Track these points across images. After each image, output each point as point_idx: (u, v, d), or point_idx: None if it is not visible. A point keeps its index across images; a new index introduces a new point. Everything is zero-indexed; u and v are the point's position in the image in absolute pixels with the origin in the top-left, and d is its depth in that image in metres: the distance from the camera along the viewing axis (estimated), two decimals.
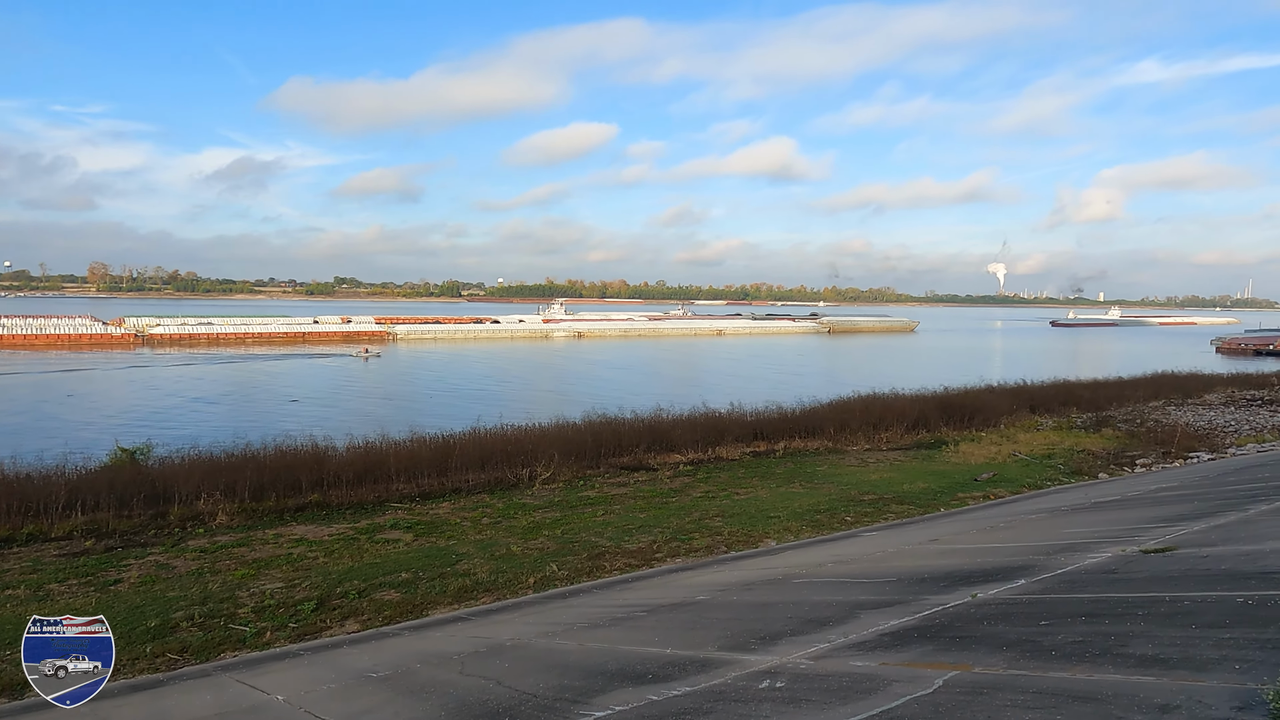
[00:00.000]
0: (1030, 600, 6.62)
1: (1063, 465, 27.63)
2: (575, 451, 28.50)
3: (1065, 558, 8.47)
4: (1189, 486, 16.38)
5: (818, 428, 34.75)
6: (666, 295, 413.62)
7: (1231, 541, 8.28)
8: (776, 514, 21.57)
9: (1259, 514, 10.24)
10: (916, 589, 7.92)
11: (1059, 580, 7.34)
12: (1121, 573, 7.36)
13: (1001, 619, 5.98)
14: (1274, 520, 9.57)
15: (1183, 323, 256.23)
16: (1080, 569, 7.74)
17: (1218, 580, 6.18)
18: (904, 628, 6.15)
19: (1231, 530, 9.09)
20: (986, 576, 8.11)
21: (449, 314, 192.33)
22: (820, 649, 5.82)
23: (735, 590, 10.20)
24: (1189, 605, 5.45)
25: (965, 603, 6.76)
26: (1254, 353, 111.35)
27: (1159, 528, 9.95)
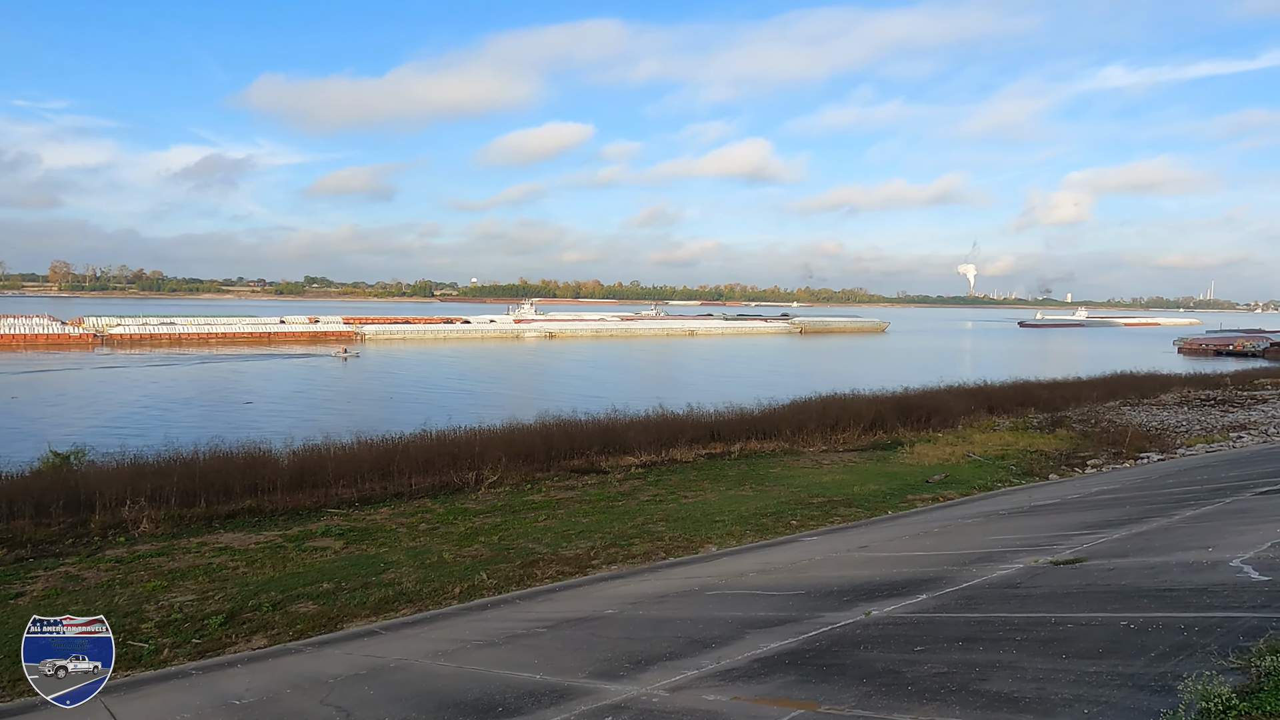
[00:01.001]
0: (919, 620, 6.25)
1: (1015, 466, 27.55)
2: (525, 454, 27.92)
3: (978, 569, 8.12)
4: (1129, 489, 16.22)
5: (775, 429, 34.46)
6: (641, 296, 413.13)
7: (1144, 552, 7.98)
8: (722, 518, 21.18)
9: (1181, 520, 10.00)
10: (818, 604, 7.54)
11: (958, 596, 6.98)
12: (1024, 587, 7.02)
13: (880, 643, 5.59)
14: (1193, 528, 9.31)
15: (1147, 324, 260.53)
16: (985, 582, 7.40)
17: (1110, 598, 5.85)
18: (779, 652, 5.75)
19: (1149, 539, 8.81)
20: (893, 590, 7.74)
21: (421, 314, 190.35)
22: (685, 677, 5.40)
23: (647, 603, 9.76)
24: (1069, 630, 5.10)
25: (855, 622, 6.38)
26: (1214, 353, 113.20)
27: (1082, 535, 9.67)
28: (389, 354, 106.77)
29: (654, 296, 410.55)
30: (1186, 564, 6.85)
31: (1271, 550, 6.87)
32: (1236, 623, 4.71)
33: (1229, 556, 6.80)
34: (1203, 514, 10.48)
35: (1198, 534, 8.73)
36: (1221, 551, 7.15)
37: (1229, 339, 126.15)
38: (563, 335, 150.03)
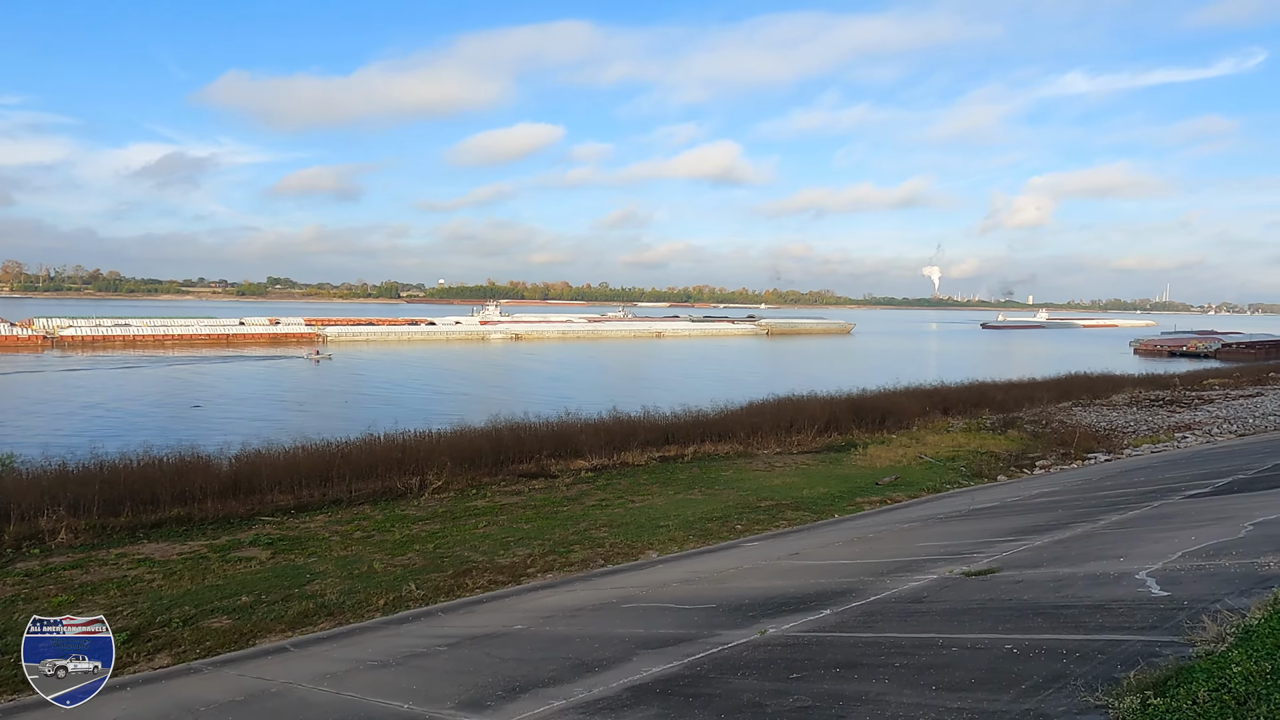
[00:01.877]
0: (809, 641, 5.92)
1: (965, 468, 27.55)
2: (471, 458, 27.34)
3: (892, 580, 7.83)
4: (1067, 492, 16.14)
5: (730, 431, 34.22)
6: (609, 297, 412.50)
7: (1057, 562, 7.74)
8: (667, 523, 20.81)
9: (1105, 526, 9.82)
10: (723, 620, 7.19)
11: (860, 612, 6.67)
12: (927, 602, 6.73)
13: (760, 669, 5.24)
14: (1113, 535, 9.11)
15: (1105, 325, 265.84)
16: (892, 596, 7.11)
17: (1006, 617, 5.57)
18: (656, 679, 5.38)
19: (1067, 547, 8.60)
20: (802, 604, 7.42)
21: (386, 316, 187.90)
22: (549, 709, 5.00)
23: (559, 618, 9.35)
24: (952, 655, 4.78)
25: (746, 642, 6.04)
26: (1168, 354, 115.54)
27: (1007, 542, 9.45)
28: (361, 356, 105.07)
29: (623, 298, 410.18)
30: (1093, 576, 6.61)
31: (1180, 561, 6.65)
32: (1119, 648, 4.41)
33: (1137, 568, 6.56)
34: (1128, 519, 10.31)
35: (1116, 542, 8.52)
36: (1132, 562, 6.92)
37: (1182, 340, 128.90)
38: (529, 337, 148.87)
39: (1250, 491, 11.55)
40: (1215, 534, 7.67)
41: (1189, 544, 7.30)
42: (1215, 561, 6.36)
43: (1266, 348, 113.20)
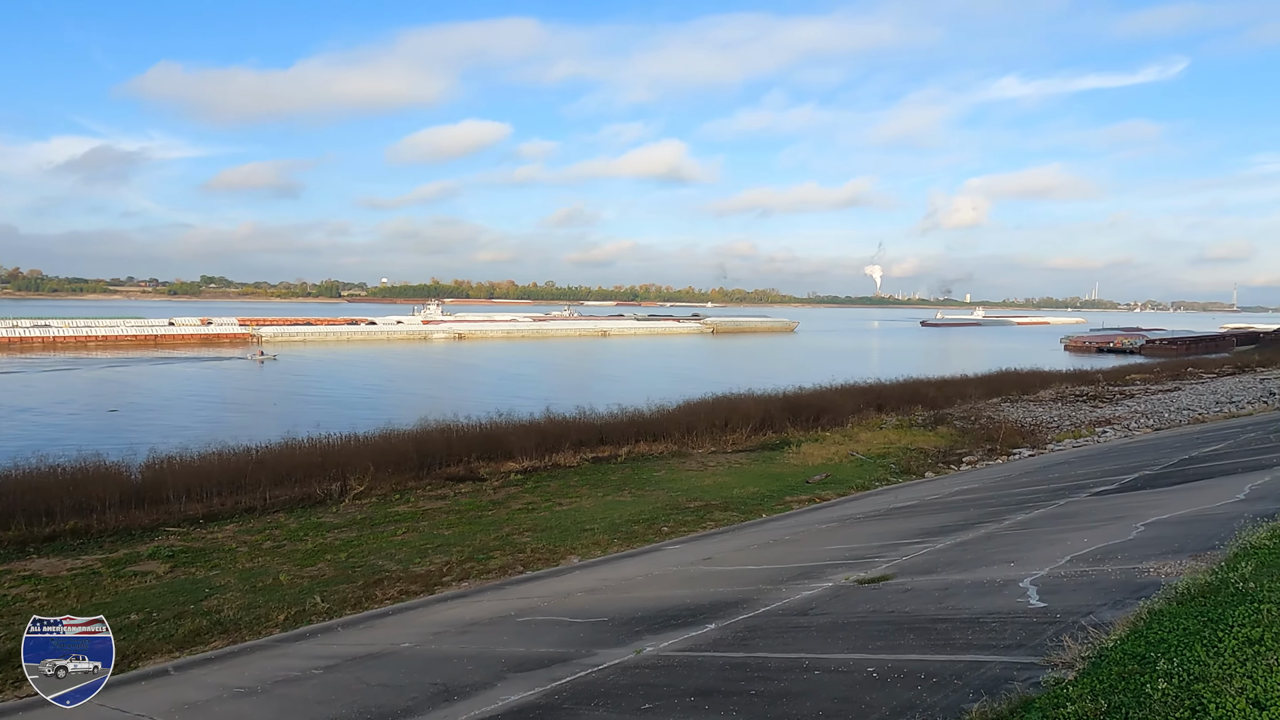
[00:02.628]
0: (678, 663, 5.59)
1: (894, 465, 27.75)
2: (397, 462, 26.54)
3: (788, 589, 7.57)
4: (985, 489, 16.22)
5: (664, 431, 33.96)
6: (556, 296, 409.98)
7: (951, 567, 7.56)
8: (593, 526, 20.41)
9: (1008, 527, 9.74)
10: (605, 636, 6.83)
11: (742, 627, 6.38)
12: (812, 614, 6.47)
13: (617, 697, 4.89)
14: (1013, 537, 9.01)
15: (1038, 323, 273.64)
16: (781, 608, 6.84)
17: (881, 633, 5.32)
18: (510, 710, 4.99)
19: (966, 549, 8.46)
20: (690, 617, 7.11)
21: (326, 315, 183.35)
22: None
23: (450, 635, 8.86)
24: (813, 680, 4.50)
25: (616, 665, 5.68)
26: (1097, 350, 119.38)
27: (911, 544, 9.29)
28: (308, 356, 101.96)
29: (570, 297, 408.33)
30: (980, 584, 6.43)
31: (1067, 567, 6.50)
32: (979, 671, 4.16)
33: (1024, 574, 6.40)
34: (1032, 519, 10.27)
35: (1013, 544, 8.41)
36: (1021, 567, 6.76)
37: (1109, 337, 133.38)
38: (473, 336, 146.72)
39: (1152, 489, 11.66)
40: (1107, 535, 7.59)
41: (1080, 547, 7.19)
42: (1099, 567, 6.22)
43: (1187, 343, 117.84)
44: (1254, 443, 16.30)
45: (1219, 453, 15.43)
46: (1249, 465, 12.08)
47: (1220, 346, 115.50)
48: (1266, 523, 5.69)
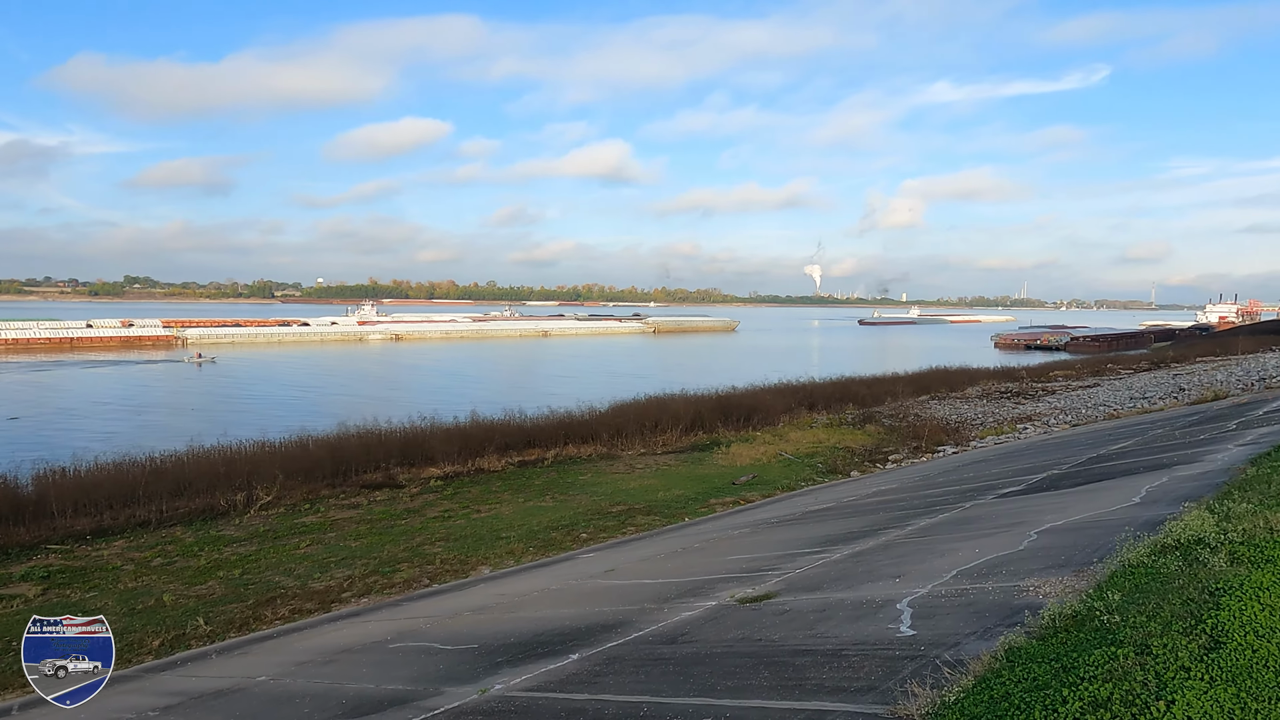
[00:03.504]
0: (518, 707, 5.06)
1: (821, 465, 27.68)
2: (310, 469, 25.39)
3: (671, 608, 7.10)
4: (902, 490, 16.07)
5: (594, 433, 33.34)
6: (498, 296, 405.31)
7: (838, 583, 7.19)
8: (509, 534, 19.71)
9: (910, 533, 9.45)
10: (462, 670, 6.27)
11: (603, 659, 5.88)
12: (680, 641, 6.00)
13: None
14: (910, 546, 8.69)
15: (970, 320, 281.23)
16: (654, 633, 6.36)
17: (736, 668, 4.89)
18: None
19: (859, 561, 8.10)
20: (562, 642, 6.57)
21: (258, 316, 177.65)
22: None
23: (313, 665, 8.15)
24: None
25: (451, 709, 5.09)
26: (1025, 347, 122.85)
27: (809, 554, 8.93)
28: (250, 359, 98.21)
29: (512, 297, 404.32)
30: (859, 605, 6.05)
31: (950, 583, 6.17)
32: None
33: (905, 593, 6.04)
34: (935, 524, 10.01)
35: (908, 555, 8.09)
36: (906, 584, 6.41)
37: (1036, 334, 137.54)
38: (410, 337, 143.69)
39: (1055, 490, 11.56)
40: (1000, 545, 7.32)
41: (970, 559, 6.89)
42: (981, 585, 5.90)
43: (1109, 340, 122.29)
44: (1159, 440, 16.53)
45: (1125, 450, 15.57)
46: (1150, 465, 12.09)
47: (1139, 343, 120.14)
48: (1148, 536, 5.43)
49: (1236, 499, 5.99)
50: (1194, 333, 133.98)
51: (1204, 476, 9.45)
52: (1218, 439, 14.03)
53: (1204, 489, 8.24)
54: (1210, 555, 4.53)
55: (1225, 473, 9.14)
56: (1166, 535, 5.17)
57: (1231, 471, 8.74)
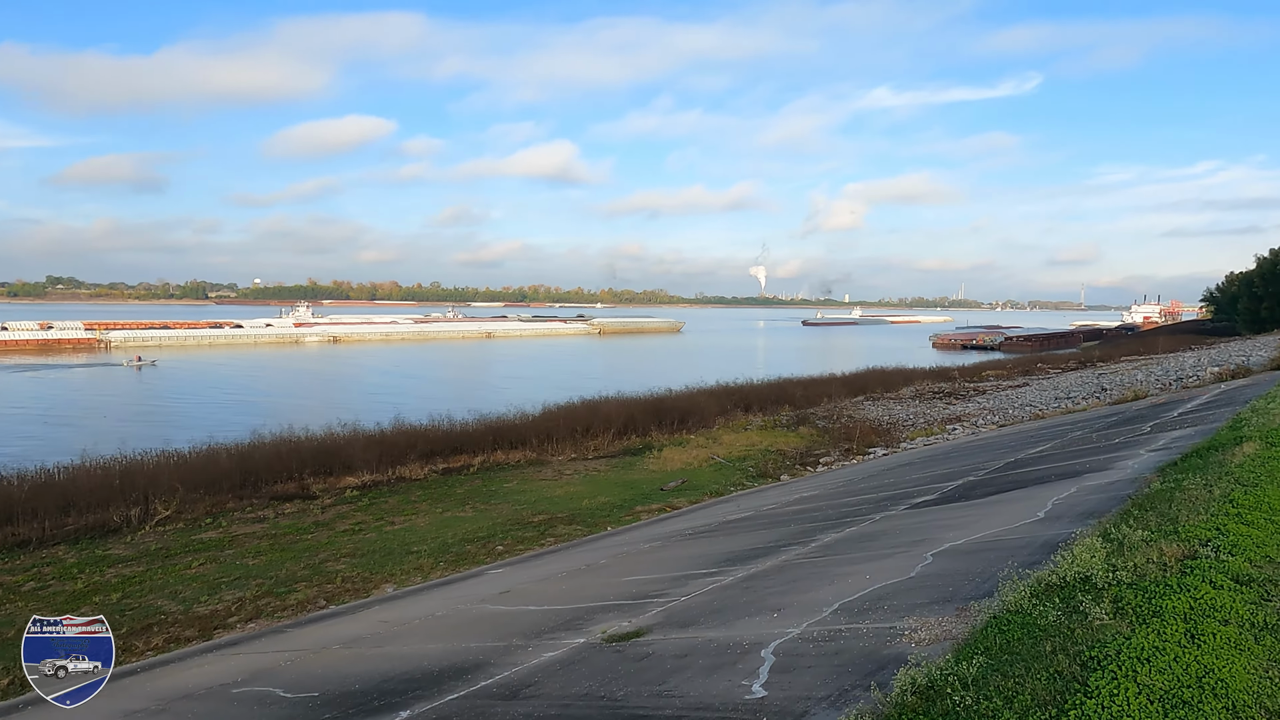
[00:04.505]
0: None
1: (752, 468, 27.29)
2: (216, 481, 24.00)
3: (535, 648, 6.45)
4: (823, 497, 15.66)
5: (524, 438, 32.44)
6: (442, 297, 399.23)
7: (717, 615, 6.60)
8: (421, 547, 18.78)
9: (812, 551, 8.94)
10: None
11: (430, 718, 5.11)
12: (523, 695, 5.31)
13: None
14: (804, 568, 8.15)
15: (910, 321, 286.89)
16: (497, 684, 5.70)
17: None
18: None
19: (750, 586, 7.54)
20: (400, 693, 5.88)
21: (191, 318, 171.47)
22: None
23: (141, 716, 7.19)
24: None
25: None
26: (961, 347, 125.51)
27: (703, 576, 8.34)
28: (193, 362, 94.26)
29: (456, 298, 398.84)
30: (723, 649, 5.46)
31: (826, 622, 5.62)
32: None
33: (776, 633, 5.47)
34: (838, 541, 9.51)
35: (797, 580, 7.53)
36: (783, 620, 5.85)
37: (973, 334, 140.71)
38: (349, 339, 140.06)
39: (966, 501, 11.18)
40: (893, 569, 6.82)
41: (860, 586, 6.36)
42: (856, 625, 5.36)
43: (1041, 340, 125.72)
44: (1077, 443, 16.44)
45: (1042, 455, 15.41)
46: (1062, 472, 11.83)
47: (1070, 342, 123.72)
48: (1034, 571, 4.93)
49: (1133, 524, 5.56)
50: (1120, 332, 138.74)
51: (1111, 487, 9.14)
52: (1131, 443, 13.91)
53: (1109, 502, 7.88)
54: (1093, 604, 4.04)
55: (1132, 483, 8.84)
56: (1053, 571, 4.69)
57: (1138, 482, 8.44)
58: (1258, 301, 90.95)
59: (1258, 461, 7.35)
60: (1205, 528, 5.25)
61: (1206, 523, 5.35)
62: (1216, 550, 4.86)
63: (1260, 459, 7.48)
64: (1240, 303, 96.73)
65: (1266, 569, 4.54)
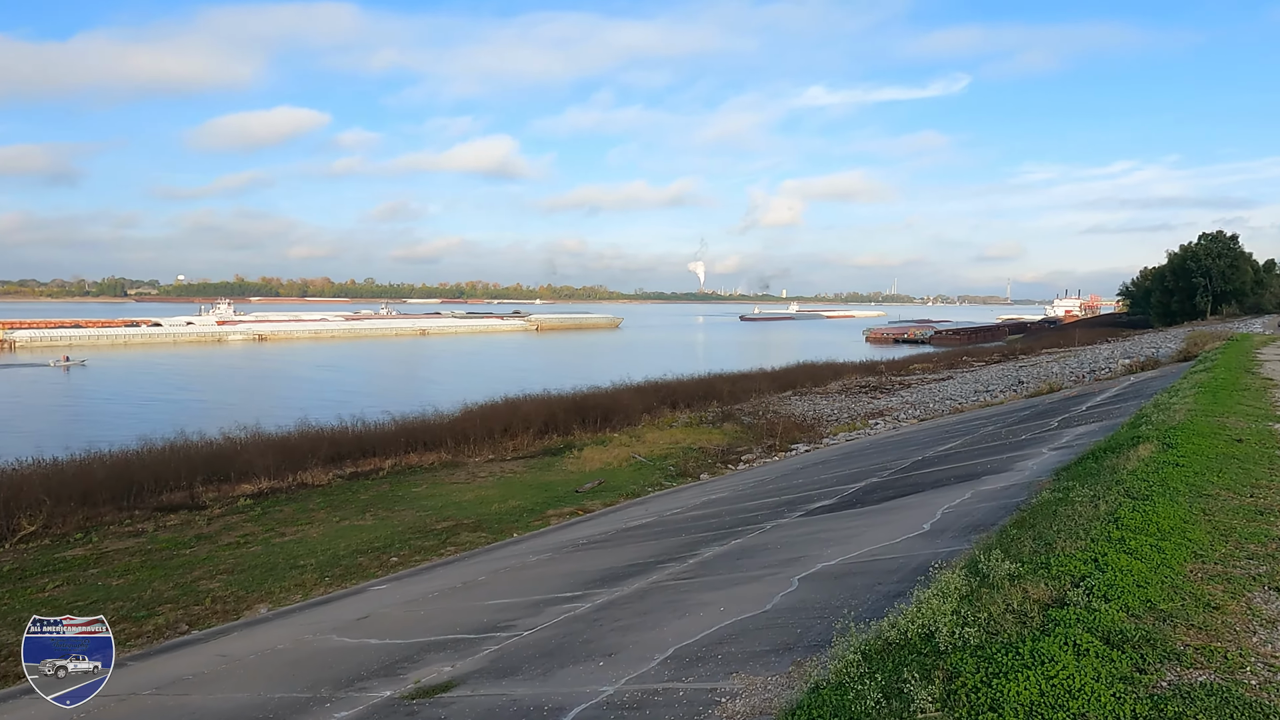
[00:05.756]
0: None
1: (673, 467, 26.60)
2: (91, 492, 22.18)
3: (336, 703, 5.48)
4: (728, 500, 14.99)
5: (440, 439, 31.16)
6: (377, 294, 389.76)
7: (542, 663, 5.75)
8: (309, 561, 17.50)
9: (686, 570, 8.15)
10: None
11: None
12: None
13: None
14: (665, 594, 7.35)
15: (845, 316, 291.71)
16: None
17: None
18: None
19: (596, 620, 6.71)
20: None
21: (109, 316, 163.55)
22: None
23: None
24: None
25: None
26: (894, 341, 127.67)
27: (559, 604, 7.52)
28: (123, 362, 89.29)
29: (392, 295, 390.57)
30: (522, 712, 4.60)
31: (655, 672, 4.83)
32: None
33: (589, 693, 4.65)
34: (717, 557, 8.76)
35: (649, 612, 6.70)
36: (608, 670, 5.03)
37: (904, 328, 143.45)
38: (276, 338, 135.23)
39: (861, 507, 10.55)
40: (749, 601, 6.08)
41: (708, 623, 5.58)
42: (677, 682, 4.57)
43: (969, 333, 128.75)
44: (985, 439, 16.13)
45: (949, 454, 15.00)
46: (963, 473, 11.32)
47: (996, 336, 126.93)
48: (873, 624, 4.16)
49: (1003, 552, 4.81)
50: (1044, 325, 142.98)
51: (1006, 493, 8.60)
52: (1036, 440, 13.58)
53: (997, 513, 7.30)
54: (920, 685, 3.16)
55: (1026, 488, 8.29)
56: (894, 624, 3.92)
57: (1031, 488, 7.88)
58: (1169, 295, 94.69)
59: (1151, 468, 6.81)
60: (1082, 559, 4.57)
61: (1084, 551, 4.68)
62: (1090, 593, 4.10)
63: (1154, 464, 6.95)
64: (1153, 297, 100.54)
65: (1146, 621, 3.84)
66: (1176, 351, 31.45)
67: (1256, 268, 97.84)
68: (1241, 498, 6.09)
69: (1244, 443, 8.25)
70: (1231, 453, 7.66)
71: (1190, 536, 5.03)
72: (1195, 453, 7.44)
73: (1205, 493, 6.14)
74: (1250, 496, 6.15)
